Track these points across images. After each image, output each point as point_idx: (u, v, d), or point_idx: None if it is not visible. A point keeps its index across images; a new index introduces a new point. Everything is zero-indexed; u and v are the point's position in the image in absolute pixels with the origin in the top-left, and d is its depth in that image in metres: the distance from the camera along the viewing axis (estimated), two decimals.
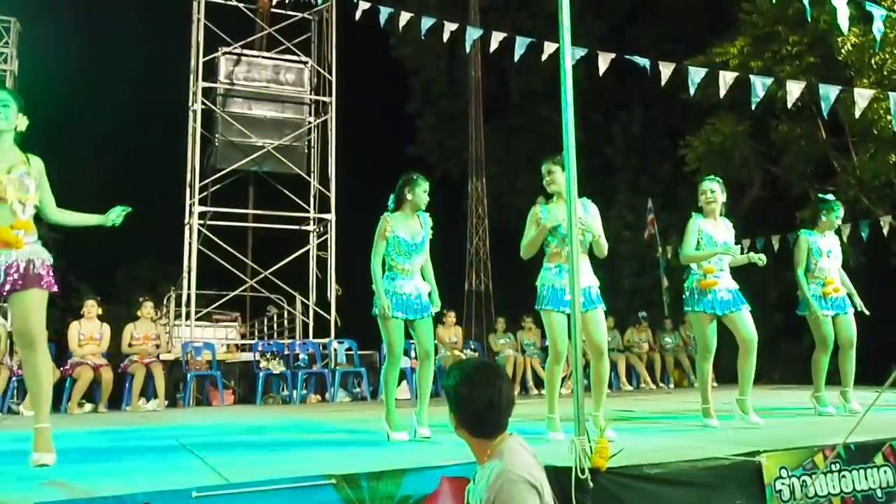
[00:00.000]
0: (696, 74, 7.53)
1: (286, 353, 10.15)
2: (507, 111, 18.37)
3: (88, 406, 8.30)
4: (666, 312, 11.90)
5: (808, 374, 5.57)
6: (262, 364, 9.62)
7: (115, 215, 3.81)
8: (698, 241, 4.92)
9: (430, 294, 4.72)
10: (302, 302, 12.01)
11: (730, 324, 4.88)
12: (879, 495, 3.33)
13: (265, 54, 12.53)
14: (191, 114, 11.62)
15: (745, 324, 4.81)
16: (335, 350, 10.41)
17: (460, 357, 10.28)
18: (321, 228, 12.38)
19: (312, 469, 2.98)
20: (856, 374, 5.49)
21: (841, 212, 5.77)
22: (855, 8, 6.54)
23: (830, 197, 5.88)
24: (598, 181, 15.61)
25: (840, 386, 5.51)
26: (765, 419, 5.37)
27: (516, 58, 7.56)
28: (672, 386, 10.91)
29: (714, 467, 3.07)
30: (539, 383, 10.16)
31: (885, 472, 3.38)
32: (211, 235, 11.43)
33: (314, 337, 11.46)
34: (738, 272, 5.07)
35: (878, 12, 6.47)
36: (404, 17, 7.96)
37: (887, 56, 9.48)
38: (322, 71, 12.57)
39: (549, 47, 7.20)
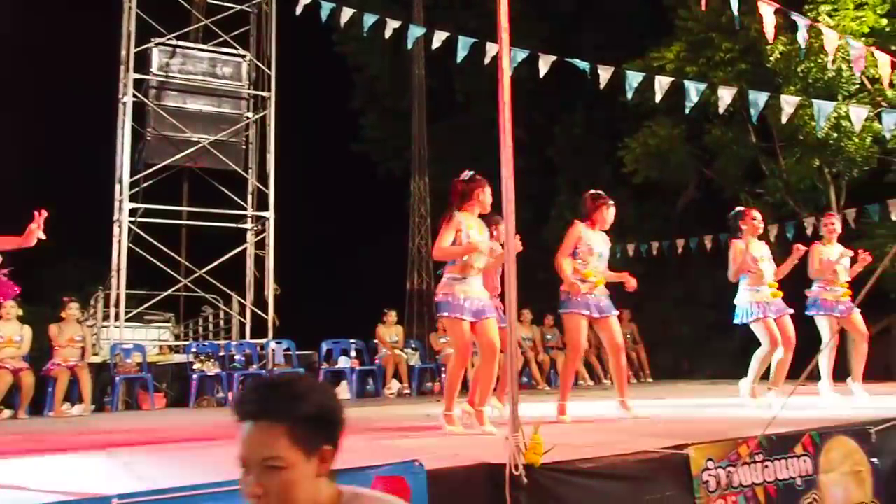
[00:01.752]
0: (634, 78, 7.69)
1: (222, 354, 9.95)
2: (452, 110, 18.39)
3: (7, 412, 7.87)
4: None
5: (739, 369, 5.73)
6: (196, 366, 9.41)
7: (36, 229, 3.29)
8: (577, 249, 5.06)
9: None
10: (239, 302, 11.77)
11: (600, 329, 5.07)
12: (799, 483, 3.45)
13: (201, 46, 12.19)
14: (121, 106, 11.23)
15: (616, 331, 5.07)
16: (273, 351, 10.26)
17: (401, 356, 10.25)
18: (259, 226, 12.15)
19: None
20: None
21: (758, 215, 5.95)
22: (782, 17, 6.77)
23: (740, 208, 6.09)
24: (540, 181, 15.78)
25: (767, 382, 5.70)
26: (696, 413, 5.55)
27: (459, 58, 7.58)
28: (611, 383, 11.08)
29: (645, 460, 3.11)
30: None
31: (805, 461, 3.51)
32: (142, 233, 11.08)
33: (251, 337, 11.24)
34: (672, 271, 5.21)
35: (802, 22, 6.71)
36: (346, 13, 7.89)
37: (812, 65, 9.84)
38: (261, 65, 12.33)
39: (491, 48, 7.24)
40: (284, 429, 1.44)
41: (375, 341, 10.37)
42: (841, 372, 6.43)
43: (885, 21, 9.87)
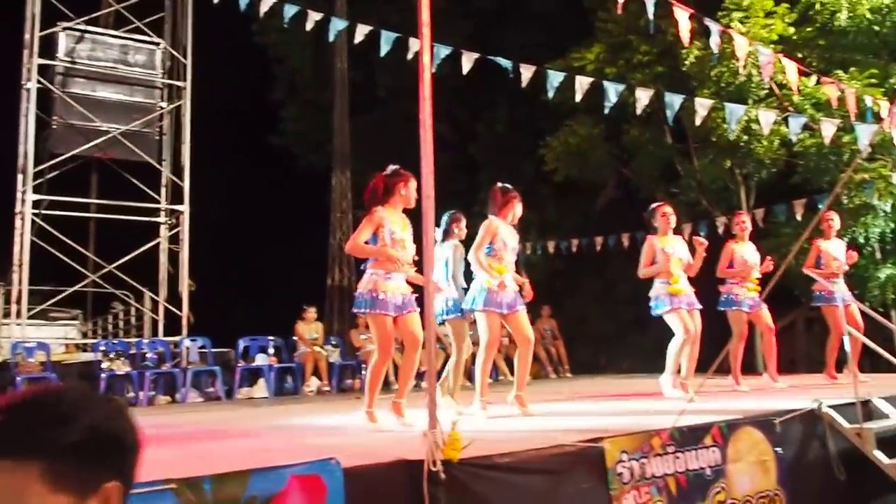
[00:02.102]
0: (555, 78, 7.81)
1: (133, 352, 9.58)
2: (375, 105, 18.23)
3: None
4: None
5: (655, 363, 5.86)
6: (105, 364, 9.03)
7: None
8: (493, 245, 5.00)
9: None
10: (151, 298, 11.37)
11: (510, 323, 5.03)
12: (708, 473, 3.56)
13: (112, 32, 11.69)
14: (24, 93, 10.67)
15: (525, 325, 5.05)
16: (187, 348, 9.94)
17: (321, 353, 10.11)
18: (173, 220, 11.75)
19: (152, 474, 2.77)
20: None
21: (669, 209, 6.08)
22: (697, 23, 7.00)
23: (654, 205, 6.24)
24: (463, 178, 15.84)
25: (679, 376, 5.85)
26: (611, 406, 5.67)
27: (382, 53, 7.53)
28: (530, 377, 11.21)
29: (561, 454, 3.15)
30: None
31: (714, 451, 3.63)
32: (47, 226, 10.56)
33: (165, 335, 10.89)
34: (591, 268, 5.29)
35: (714, 28, 6.95)
36: (266, 2, 7.72)
37: (724, 69, 10.18)
38: (176, 54, 11.92)
39: (414, 44, 7.20)
40: (40, 468, 0.97)
41: (295, 338, 10.20)
42: (751, 366, 6.68)
43: (792, 30, 10.32)
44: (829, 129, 7.98)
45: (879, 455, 4.10)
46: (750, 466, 3.73)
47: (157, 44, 11.85)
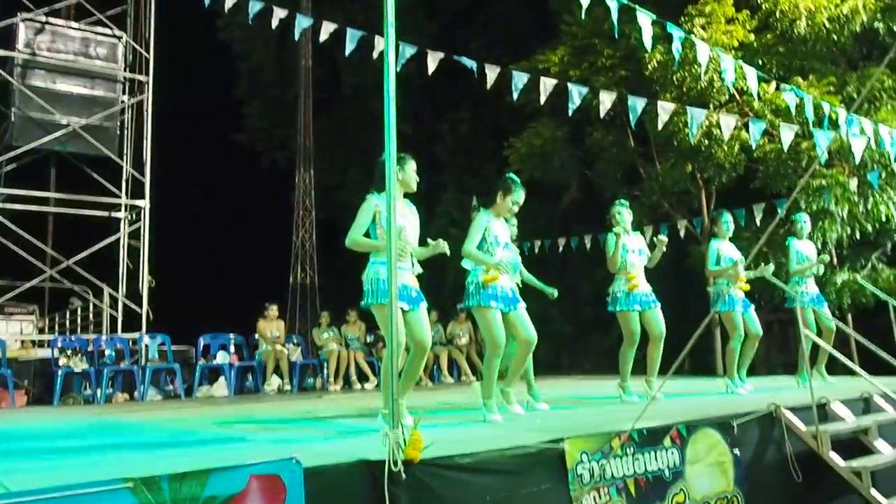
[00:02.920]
0: (520, 79, 7.86)
1: (90, 349, 9.42)
2: (339, 103, 18.18)
3: None
4: None
5: (617, 363, 5.94)
6: (62, 361, 8.86)
7: None
8: (485, 239, 4.86)
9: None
10: (110, 294, 11.18)
11: (508, 322, 4.87)
12: (667, 475, 3.60)
13: (73, 24, 11.48)
14: None
15: (525, 323, 4.90)
16: (146, 345, 9.81)
17: (283, 352, 10.04)
18: (133, 216, 11.58)
19: (110, 473, 2.73)
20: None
21: (625, 209, 6.12)
22: (659, 28, 7.10)
23: (622, 200, 6.31)
24: (427, 178, 15.85)
25: (645, 374, 5.90)
26: (573, 407, 5.73)
27: (347, 51, 7.51)
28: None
29: (521, 455, 3.16)
30: (361, 377, 10.15)
31: (672, 453, 3.67)
32: (4, 220, 10.34)
33: (123, 331, 10.72)
34: (554, 269, 5.32)
35: (676, 33, 7.06)
36: None
37: (686, 74, 10.34)
38: (139, 48, 11.74)
39: (379, 42, 7.20)
40: None
41: (256, 336, 10.11)
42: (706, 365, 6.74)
43: (752, 36, 10.51)
44: (788, 134, 8.16)
45: (835, 457, 4.19)
46: (708, 468, 3.78)
47: (119, 37, 11.66)
